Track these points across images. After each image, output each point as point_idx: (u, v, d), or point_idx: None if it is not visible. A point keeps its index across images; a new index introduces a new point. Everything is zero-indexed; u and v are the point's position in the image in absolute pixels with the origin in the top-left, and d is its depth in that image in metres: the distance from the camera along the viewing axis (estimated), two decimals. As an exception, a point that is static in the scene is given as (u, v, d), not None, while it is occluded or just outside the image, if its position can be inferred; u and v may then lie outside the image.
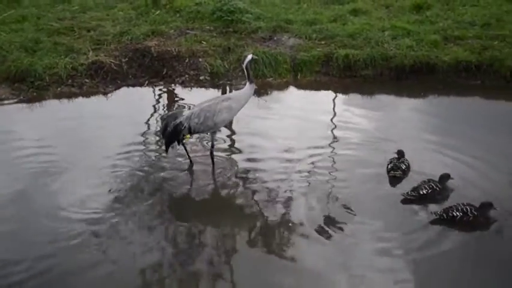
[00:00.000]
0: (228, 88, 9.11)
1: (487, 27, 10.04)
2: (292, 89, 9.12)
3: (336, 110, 8.18)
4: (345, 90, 8.93)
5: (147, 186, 6.00)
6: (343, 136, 7.16)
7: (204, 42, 10.04)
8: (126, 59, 9.47)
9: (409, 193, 5.63)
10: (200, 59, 9.55)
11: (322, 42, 9.99)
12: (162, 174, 6.25)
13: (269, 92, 8.94)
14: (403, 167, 6.09)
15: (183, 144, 6.25)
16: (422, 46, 9.44)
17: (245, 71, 6.22)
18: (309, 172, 6.22)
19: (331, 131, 7.37)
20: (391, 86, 8.93)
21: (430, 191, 5.63)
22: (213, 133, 6.30)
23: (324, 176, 6.16)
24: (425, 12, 11.19)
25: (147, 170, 6.31)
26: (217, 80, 9.31)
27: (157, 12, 11.33)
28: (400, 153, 6.23)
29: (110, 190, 5.86)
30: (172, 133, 6.04)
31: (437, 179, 5.76)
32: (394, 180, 6.03)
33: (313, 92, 8.99)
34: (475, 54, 9.04)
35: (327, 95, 8.86)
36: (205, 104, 6.13)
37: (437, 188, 5.68)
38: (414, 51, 9.29)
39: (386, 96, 8.68)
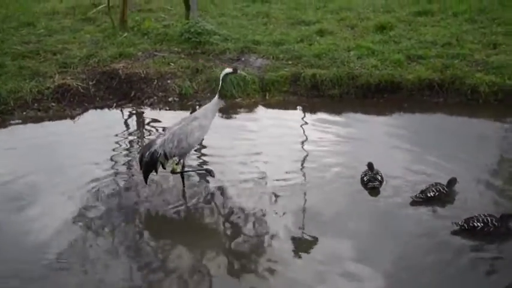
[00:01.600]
0: (198, 109, 9.10)
1: (448, 47, 10.36)
2: (261, 108, 9.18)
3: (304, 128, 8.28)
4: (313, 109, 9.02)
5: (118, 210, 5.94)
6: (313, 154, 7.23)
7: (172, 64, 10.05)
8: (94, 81, 9.40)
9: (417, 196, 5.90)
10: (169, 81, 9.56)
11: (290, 62, 10.14)
12: (133, 197, 6.21)
13: (238, 112, 8.98)
14: (379, 177, 6.28)
15: (182, 175, 6.26)
16: (386, 65, 9.68)
17: (220, 82, 6.24)
18: (281, 190, 6.25)
19: (302, 148, 7.45)
20: (358, 105, 9.08)
21: (437, 193, 5.87)
22: (185, 155, 6.28)
23: (296, 194, 6.22)
24: (388, 32, 11.49)
25: (118, 193, 6.25)
26: (186, 101, 9.31)
27: (124, 35, 11.31)
28: (370, 166, 6.39)
29: (78, 215, 5.78)
30: (149, 162, 6.00)
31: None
32: (372, 192, 6.21)
33: (282, 111, 9.06)
34: (437, 73, 9.29)
35: (296, 114, 8.97)
36: (176, 127, 6.13)
37: (444, 191, 5.92)
38: (379, 70, 9.51)
39: (353, 114, 8.79)
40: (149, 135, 8.12)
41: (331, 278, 4.91)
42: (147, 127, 8.54)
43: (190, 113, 8.87)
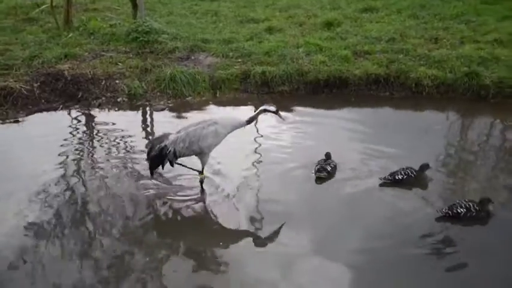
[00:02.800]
0: (148, 109, 9.01)
1: (392, 42, 10.67)
2: (212, 106, 9.16)
3: (257, 125, 8.32)
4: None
5: (67, 214, 5.79)
6: (266, 148, 7.32)
7: (120, 64, 9.89)
8: (38, 83, 9.12)
9: (386, 177, 6.17)
10: (117, 81, 9.40)
11: (240, 60, 10.18)
12: (81, 199, 6.08)
13: (190, 111, 8.93)
14: (329, 168, 6.44)
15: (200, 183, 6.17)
16: (334, 61, 9.86)
17: (256, 112, 6.04)
18: (237, 186, 6.30)
19: (255, 144, 7.48)
20: (308, 100, 9.22)
21: (405, 177, 6.12)
22: (202, 157, 6.08)
23: (254, 189, 6.29)
24: (335, 29, 11.73)
25: (67, 196, 6.10)
26: (135, 102, 9.18)
27: (69, 35, 11.04)
28: (328, 156, 6.61)
29: (27, 221, 5.62)
30: (157, 156, 5.91)
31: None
32: (320, 181, 6.38)
33: (233, 109, 9.08)
34: (383, 68, 9.56)
35: (247, 111, 8.98)
36: (192, 128, 5.96)
37: (413, 175, 6.15)
38: (327, 66, 9.68)
39: (303, 109, 8.91)
40: (98, 136, 7.96)
41: (293, 269, 4.96)
42: (96, 128, 8.36)
43: (142, 112, 8.86)
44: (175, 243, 5.44)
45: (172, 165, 6.03)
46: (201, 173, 6.15)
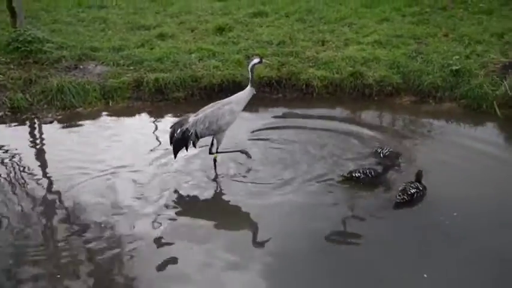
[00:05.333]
0: (35, 122, 8.49)
1: (283, 45, 11.02)
2: (105, 116, 8.85)
3: (151, 132, 8.18)
4: (159, 113, 8.96)
5: None
6: (162, 157, 7.16)
7: (1, 76, 9.24)
8: None
9: (344, 175, 6.35)
10: (-3, 94, 8.78)
11: (132, 68, 9.96)
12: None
13: (81, 123, 8.55)
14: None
15: (214, 162, 6.60)
16: (227, 65, 9.97)
17: (249, 73, 6.59)
18: (140, 197, 6.19)
19: (152, 151, 7.35)
20: (203, 105, 9.07)
21: (362, 176, 6.25)
22: (220, 137, 6.56)
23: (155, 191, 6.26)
24: (227, 33, 11.87)
25: None
26: (20, 115, 8.63)
27: None
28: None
29: None
30: (180, 139, 6.38)
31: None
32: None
33: (126, 118, 8.83)
34: (275, 70, 9.81)
35: (141, 119, 8.82)
36: (209, 109, 6.48)
37: (370, 175, 6.27)
38: (221, 70, 9.76)
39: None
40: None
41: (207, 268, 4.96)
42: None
43: (29, 127, 8.37)
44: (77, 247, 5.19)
45: (195, 146, 6.58)
46: (215, 153, 6.61)
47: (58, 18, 13.15)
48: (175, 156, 6.52)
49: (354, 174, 6.32)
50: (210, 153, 6.68)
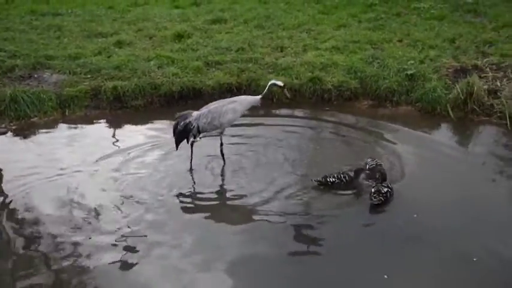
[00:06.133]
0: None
1: (242, 52, 11.05)
2: (61, 125, 8.64)
3: (109, 140, 8.05)
4: (118, 122, 8.82)
5: None
6: (122, 163, 7.16)
7: (-49, 86, 8.91)
8: None
9: (317, 179, 6.38)
10: None
11: (89, 76, 9.77)
12: None
13: (36, 132, 8.33)
14: None
15: (191, 145, 6.84)
16: (187, 72, 9.92)
17: (267, 87, 6.82)
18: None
19: (111, 160, 7.27)
20: (163, 113, 9.10)
21: (337, 180, 6.31)
22: (221, 133, 6.85)
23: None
24: (186, 40, 11.82)
25: None
26: (-28, 129, 8.35)
27: None
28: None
29: None
30: (182, 131, 6.66)
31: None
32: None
33: (84, 127, 8.63)
34: (235, 77, 9.83)
35: (99, 128, 8.66)
36: (213, 106, 6.73)
37: (345, 180, 6.34)
38: (180, 77, 9.70)
39: (159, 122, 8.81)
40: None
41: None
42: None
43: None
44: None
45: (194, 139, 6.78)
46: (221, 144, 6.94)
47: (10, 26, 12.76)
48: (176, 147, 6.77)
49: (328, 179, 6.36)
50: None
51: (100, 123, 8.79)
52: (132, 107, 9.23)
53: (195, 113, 6.73)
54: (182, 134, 6.70)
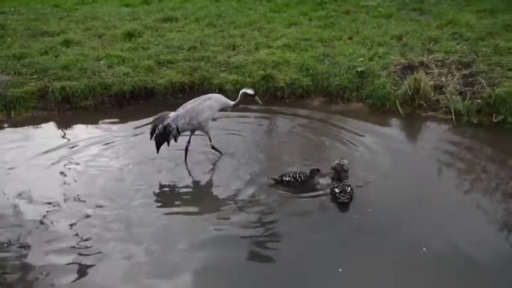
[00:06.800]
0: None
1: (194, 50, 10.98)
2: (7, 128, 8.36)
3: (59, 142, 7.82)
4: (67, 123, 8.58)
5: None
6: (76, 168, 6.97)
7: None
8: None
9: (273, 178, 6.42)
10: None
11: (35, 77, 9.49)
12: None
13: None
14: None
15: (186, 150, 6.91)
16: (138, 72, 9.78)
17: (239, 95, 6.97)
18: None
19: (60, 162, 7.09)
20: (114, 113, 8.97)
21: (292, 179, 6.33)
22: (206, 132, 6.90)
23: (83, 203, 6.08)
24: (137, 39, 11.65)
25: None
26: None
27: None
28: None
29: None
30: (162, 134, 6.59)
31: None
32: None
33: (31, 129, 8.37)
34: (187, 76, 9.76)
35: (47, 129, 8.40)
36: (189, 105, 6.76)
37: (300, 180, 6.33)
38: (131, 77, 9.56)
39: (110, 122, 8.64)
40: None
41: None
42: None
43: None
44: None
45: (176, 140, 6.74)
46: (210, 140, 7.00)
47: (-52, 25, 12.23)
48: (157, 151, 6.70)
49: (284, 178, 6.40)
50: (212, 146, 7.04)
51: (48, 124, 8.53)
52: (81, 108, 9.03)
53: (172, 114, 6.70)
54: (162, 137, 6.65)
